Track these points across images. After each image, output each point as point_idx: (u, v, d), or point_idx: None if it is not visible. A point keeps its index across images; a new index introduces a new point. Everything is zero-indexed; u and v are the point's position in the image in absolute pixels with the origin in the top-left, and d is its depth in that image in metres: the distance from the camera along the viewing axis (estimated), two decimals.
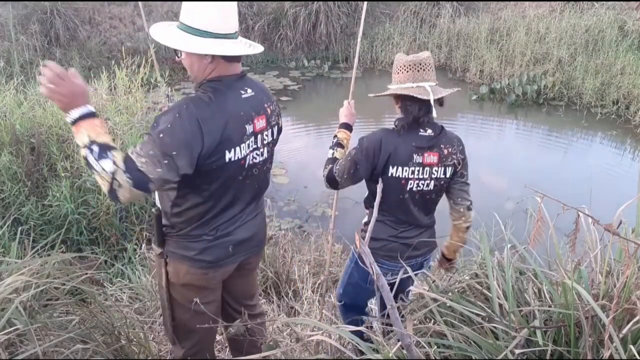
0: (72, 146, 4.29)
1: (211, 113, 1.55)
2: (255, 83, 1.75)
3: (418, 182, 2.04)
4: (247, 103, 1.65)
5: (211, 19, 1.55)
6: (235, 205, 1.75)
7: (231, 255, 1.81)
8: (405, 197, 2.05)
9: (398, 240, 2.11)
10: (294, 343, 2.13)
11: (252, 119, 1.66)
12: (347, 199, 4.98)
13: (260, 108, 1.70)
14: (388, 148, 1.99)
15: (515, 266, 1.61)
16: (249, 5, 10.11)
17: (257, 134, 1.69)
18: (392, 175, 2.01)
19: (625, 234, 1.54)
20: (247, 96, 1.66)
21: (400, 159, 1.99)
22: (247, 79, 1.71)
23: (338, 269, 3.56)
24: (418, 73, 1.98)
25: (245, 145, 1.65)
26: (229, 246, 1.78)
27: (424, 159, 2.01)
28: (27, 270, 1.76)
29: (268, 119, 1.72)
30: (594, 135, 7.14)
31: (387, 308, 1.28)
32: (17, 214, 3.81)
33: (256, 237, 1.89)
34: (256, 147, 1.70)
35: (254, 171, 1.73)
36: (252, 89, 1.69)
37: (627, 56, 8.02)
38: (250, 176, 1.73)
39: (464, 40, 9.62)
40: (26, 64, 7.77)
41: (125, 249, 3.86)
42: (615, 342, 1.15)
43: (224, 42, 1.58)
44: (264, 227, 1.95)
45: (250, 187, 1.77)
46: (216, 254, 1.77)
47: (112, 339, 1.96)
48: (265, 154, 1.76)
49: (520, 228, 2.07)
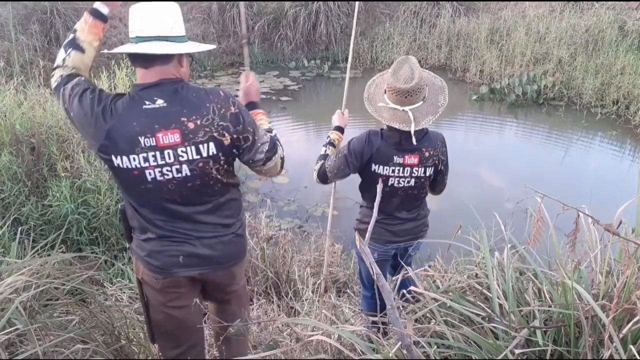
0: (72, 146, 4.30)
1: (104, 113, 1.56)
2: (179, 93, 1.58)
3: (399, 179, 2.26)
4: (147, 114, 1.55)
5: (134, 23, 1.58)
6: (172, 217, 1.69)
7: (184, 265, 1.75)
8: (386, 190, 2.28)
9: (381, 226, 2.36)
10: (294, 343, 2.13)
11: (154, 132, 1.54)
12: (347, 199, 4.98)
13: (172, 122, 1.55)
14: (371, 148, 2.23)
15: (515, 266, 1.61)
16: (249, 5, 10.11)
17: (164, 149, 1.56)
18: (375, 171, 2.25)
19: (625, 234, 1.54)
20: (152, 107, 1.55)
21: (381, 158, 2.23)
22: (170, 87, 1.58)
23: (338, 268, 3.56)
24: (406, 99, 2.12)
25: (138, 157, 1.56)
26: (179, 257, 1.74)
27: (405, 160, 2.22)
28: (27, 270, 1.76)
29: (184, 134, 1.56)
30: (594, 135, 7.14)
31: (387, 308, 1.28)
32: (17, 214, 3.81)
33: (220, 254, 1.80)
34: (166, 164, 1.58)
35: (169, 187, 1.62)
36: (168, 99, 1.56)
37: (627, 56, 8.02)
38: (165, 191, 1.63)
39: (464, 40, 9.62)
40: (26, 64, 7.77)
41: (125, 249, 3.86)
42: (615, 342, 1.15)
43: (137, 45, 1.56)
44: (235, 247, 1.85)
45: (176, 202, 1.67)
46: (163, 260, 1.74)
47: (112, 339, 1.96)
48: (185, 171, 1.60)
49: (520, 228, 2.07)
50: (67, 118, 1.60)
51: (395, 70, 2.13)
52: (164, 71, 1.59)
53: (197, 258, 1.76)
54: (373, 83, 2.32)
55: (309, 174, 2.59)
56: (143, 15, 1.56)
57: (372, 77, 2.35)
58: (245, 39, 2.22)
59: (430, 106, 2.16)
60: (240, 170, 5.86)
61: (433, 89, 2.22)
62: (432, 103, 2.17)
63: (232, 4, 10.03)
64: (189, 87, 1.62)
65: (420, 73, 2.11)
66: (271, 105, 8.14)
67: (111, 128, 1.54)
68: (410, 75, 2.10)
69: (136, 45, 1.56)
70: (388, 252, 2.46)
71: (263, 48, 9.87)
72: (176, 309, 1.82)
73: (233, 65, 9.93)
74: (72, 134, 4.37)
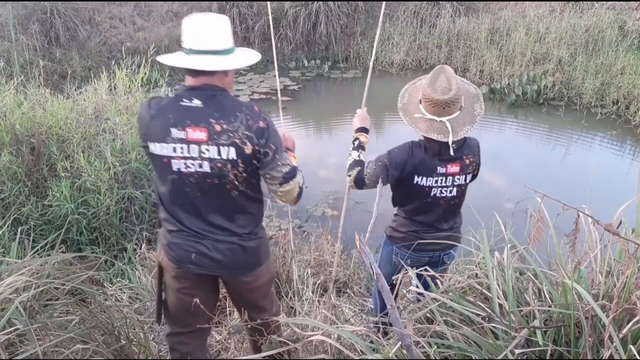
0: (72, 146, 4.30)
1: (152, 107, 1.77)
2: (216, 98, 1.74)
3: (441, 189, 2.22)
4: (183, 110, 1.72)
5: (187, 35, 1.74)
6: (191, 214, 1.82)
7: (195, 263, 1.85)
8: (428, 201, 2.24)
9: (416, 235, 2.32)
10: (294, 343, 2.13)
11: (184, 126, 1.70)
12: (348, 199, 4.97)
13: (201, 121, 1.70)
14: (414, 161, 2.18)
15: (515, 266, 1.61)
16: (249, 5, 10.11)
17: (191, 143, 1.71)
18: (418, 183, 2.20)
19: (625, 234, 1.54)
20: (188, 105, 1.72)
21: (425, 170, 2.18)
22: (209, 93, 1.74)
23: (338, 268, 3.56)
24: (444, 110, 2.09)
25: (168, 146, 1.72)
26: (192, 253, 1.84)
27: (447, 170, 2.18)
28: (27, 270, 1.76)
29: (210, 134, 1.70)
30: (594, 135, 7.14)
31: (387, 308, 1.29)
32: (17, 214, 3.81)
33: (228, 261, 1.87)
34: (190, 157, 1.73)
35: (190, 180, 1.75)
36: (205, 101, 1.72)
37: (627, 56, 8.02)
38: (187, 184, 1.76)
39: (464, 40, 9.62)
40: (26, 64, 7.77)
41: (125, 248, 3.86)
42: (615, 342, 1.15)
43: (204, 58, 1.72)
44: (245, 258, 1.91)
45: (197, 198, 1.79)
46: (178, 253, 1.85)
47: (112, 339, 1.96)
48: (205, 168, 1.73)
49: (520, 228, 2.07)
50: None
51: (432, 81, 2.09)
52: (208, 80, 1.75)
53: (208, 259, 1.85)
54: (406, 92, 2.27)
55: (309, 174, 2.59)
56: (195, 28, 1.72)
57: (405, 86, 2.30)
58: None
59: (467, 115, 2.13)
60: None
61: (468, 97, 2.18)
62: (468, 112, 2.14)
63: (232, 4, 10.04)
64: (226, 96, 1.77)
65: (457, 83, 2.08)
66: (271, 105, 8.14)
67: (152, 117, 1.74)
68: (447, 86, 2.06)
69: (187, 57, 1.74)
70: (421, 259, 2.39)
71: (263, 48, 9.87)
72: (188, 295, 1.91)
73: None
74: (72, 134, 4.37)
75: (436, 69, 2.13)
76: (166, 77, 5.38)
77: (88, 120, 4.60)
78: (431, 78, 2.11)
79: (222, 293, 2.98)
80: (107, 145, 4.15)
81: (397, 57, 9.75)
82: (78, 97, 4.95)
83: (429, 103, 2.10)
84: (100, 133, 4.43)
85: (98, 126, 4.52)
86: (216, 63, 1.72)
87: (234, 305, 2.24)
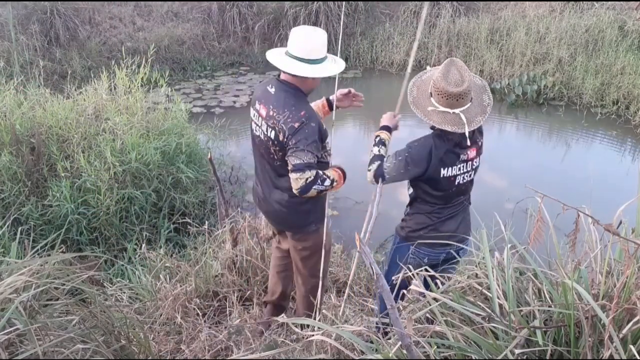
0: (72, 146, 4.30)
1: (259, 83, 2.53)
2: (283, 93, 2.28)
3: (464, 175, 2.31)
4: (264, 92, 2.35)
5: (290, 41, 2.26)
6: (258, 169, 2.51)
7: (259, 205, 2.60)
8: (452, 190, 2.32)
9: (437, 229, 2.37)
10: (294, 343, 2.13)
11: (260, 102, 2.35)
12: (347, 199, 4.99)
13: (268, 103, 2.30)
14: (439, 153, 2.22)
15: (515, 266, 1.61)
16: (249, 5, 10.11)
17: (259, 116, 2.35)
18: (444, 175, 2.26)
19: (625, 234, 1.54)
20: (267, 89, 2.33)
21: (450, 161, 2.24)
22: (284, 87, 2.29)
23: (338, 268, 3.56)
24: (457, 102, 2.12)
25: (252, 112, 2.42)
26: (257, 197, 2.59)
27: (468, 156, 2.27)
28: (27, 270, 1.75)
29: (267, 115, 2.28)
30: (594, 135, 7.14)
31: (387, 308, 1.29)
32: (17, 214, 3.81)
33: (272, 211, 2.50)
34: (258, 125, 2.36)
35: (256, 141, 2.41)
36: (276, 91, 2.30)
37: (627, 56, 8.02)
38: (257, 143, 2.40)
39: (464, 40, 9.62)
40: (26, 64, 7.77)
41: (125, 249, 3.86)
42: (615, 342, 1.15)
43: (289, 61, 2.24)
44: (284, 215, 2.46)
45: (259, 156, 2.43)
46: (254, 195, 2.65)
47: (112, 339, 1.96)
48: (260, 134, 2.35)
49: (520, 228, 2.07)
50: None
51: (445, 74, 2.11)
52: (291, 79, 2.28)
53: (265, 204, 2.51)
54: (414, 86, 2.29)
55: None
56: (295, 37, 2.23)
57: (412, 80, 2.32)
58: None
59: (478, 106, 2.18)
60: (241, 171, 5.87)
61: (476, 88, 2.23)
62: (479, 103, 2.19)
63: (232, 4, 10.03)
64: (292, 95, 2.27)
65: (469, 75, 2.12)
66: None
67: (255, 88, 2.50)
68: (460, 79, 2.09)
69: (284, 58, 2.26)
70: (439, 255, 2.41)
71: (263, 48, 9.86)
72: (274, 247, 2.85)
73: (233, 65, 9.93)
74: (72, 134, 4.37)
75: (447, 62, 2.15)
76: (166, 77, 5.37)
77: (88, 120, 4.60)
78: (443, 71, 2.13)
79: (222, 292, 2.98)
80: (107, 145, 4.15)
81: (397, 57, 9.75)
82: (78, 97, 4.95)
83: (441, 96, 2.13)
84: (100, 133, 4.43)
85: (98, 126, 4.52)
86: (298, 69, 2.20)
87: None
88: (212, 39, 10.15)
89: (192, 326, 2.68)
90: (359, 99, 2.57)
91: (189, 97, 8.49)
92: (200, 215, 4.65)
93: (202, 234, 3.63)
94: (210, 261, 3.05)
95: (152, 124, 4.80)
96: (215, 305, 2.95)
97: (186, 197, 4.47)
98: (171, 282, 2.97)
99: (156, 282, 2.98)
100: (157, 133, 4.69)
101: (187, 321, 2.69)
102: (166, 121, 4.92)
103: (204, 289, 2.96)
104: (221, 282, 3.03)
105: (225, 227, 3.27)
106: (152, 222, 4.25)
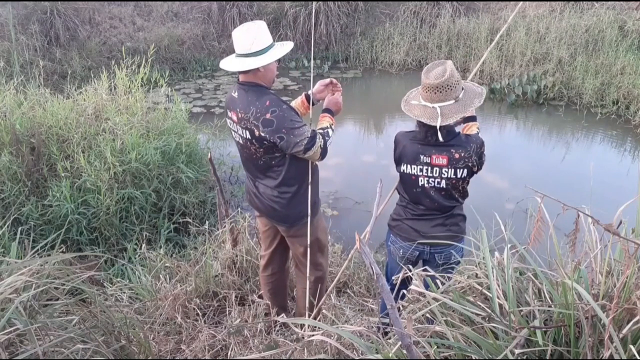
0: (72, 146, 4.30)
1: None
2: (244, 92, 2.30)
3: (428, 179, 2.31)
4: (230, 99, 2.40)
5: (236, 48, 2.29)
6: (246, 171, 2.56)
7: (251, 204, 2.62)
8: (418, 190, 2.35)
9: (407, 224, 2.45)
10: (294, 343, 2.13)
11: (230, 110, 2.38)
12: (347, 199, 4.99)
13: (236, 107, 2.33)
14: (399, 146, 2.37)
15: (515, 266, 1.61)
16: (249, 5, 10.11)
17: (233, 122, 2.38)
18: (404, 171, 2.36)
19: (625, 234, 1.54)
20: (232, 95, 2.39)
21: (409, 157, 2.32)
22: (243, 87, 2.32)
23: (338, 268, 3.56)
24: (435, 95, 2.18)
25: (228, 121, 2.44)
26: (249, 194, 2.61)
27: (432, 160, 2.27)
28: (27, 270, 1.75)
29: (238, 118, 2.31)
30: (594, 135, 7.14)
31: (387, 308, 1.29)
32: (17, 214, 3.81)
33: (264, 208, 2.51)
34: (234, 130, 2.41)
35: (238, 146, 2.47)
36: (239, 94, 2.32)
37: (627, 56, 8.01)
38: (240, 147, 2.45)
39: (464, 40, 9.62)
40: (26, 64, 7.77)
41: (125, 249, 3.86)
42: (615, 342, 1.15)
43: (237, 60, 2.28)
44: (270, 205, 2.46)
45: (245, 159, 2.47)
46: (246, 193, 2.67)
47: (112, 339, 1.96)
48: (239, 138, 2.39)
49: (520, 228, 2.07)
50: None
51: (429, 69, 2.21)
52: (246, 77, 2.32)
53: (257, 201, 2.53)
54: (415, 89, 2.38)
55: None
56: (236, 37, 2.26)
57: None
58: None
59: (462, 106, 2.21)
60: (241, 171, 5.86)
61: (471, 93, 2.26)
62: (464, 104, 2.21)
63: (232, 4, 10.04)
64: (252, 91, 2.28)
65: (454, 73, 2.16)
66: None
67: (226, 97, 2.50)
68: (441, 73, 2.16)
69: (232, 60, 2.31)
70: (413, 252, 2.45)
71: None
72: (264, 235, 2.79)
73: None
74: (72, 134, 4.37)
75: (438, 61, 2.25)
76: (166, 77, 5.37)
77: (88, 120, 4.60)
78: (428, 67, 2.23)
79: (222, 292, 2.98)
80: (107, 145, 4.15)
81: (397, 57, 9.75)
82: (78, 97, 4.94)
83: (423, 88, 2.22)
84: (100, 133, 4.43)
85: (98, 126, 4.51)
86: (242, 65, 2.23)
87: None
88: (212, 39, 10.15)
89: (192, 326, 2.68)
90: (338, 89, 2.59)
91: (189, 97, 8.49)
92: (200, 215, 4.65)
93: (202, 234, 3.63)
94: (210, 261, 3.05)
95: (152, 124, 4.80)
96: (215, 305, 2.95)
97: (186, 197, 4.47)
98: (171, 282, 2.97)
99: (156, 282, 2.98)
100: (157, 133, 4.69)
101: (187, 321, 2.69)
102: (166, 121, 4.92)
103: (204, 289, 2.96)
104: (221, 282, 3.03)
105: (225, 227, 3.27)
106: (152, 222, 4.25)
